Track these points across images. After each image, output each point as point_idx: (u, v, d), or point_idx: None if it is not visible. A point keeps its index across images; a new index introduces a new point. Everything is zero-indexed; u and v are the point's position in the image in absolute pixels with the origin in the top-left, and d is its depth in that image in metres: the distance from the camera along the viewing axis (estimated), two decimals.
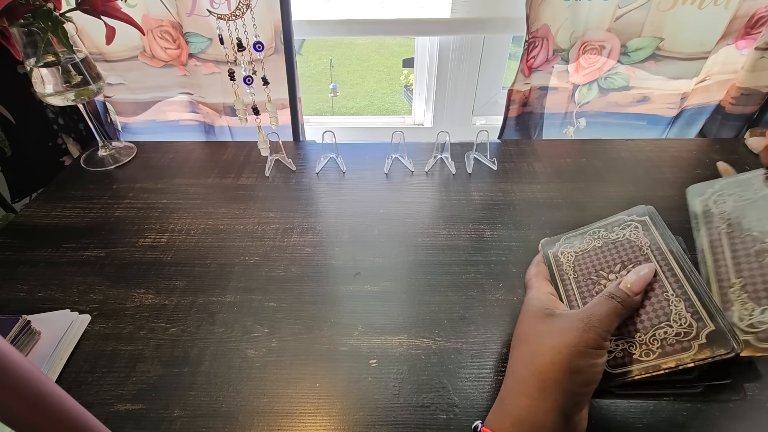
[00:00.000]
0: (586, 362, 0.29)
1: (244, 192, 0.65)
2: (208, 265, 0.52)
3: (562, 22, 0.69)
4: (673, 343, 0.29)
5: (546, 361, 0.30)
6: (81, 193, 0.65)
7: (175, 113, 0.80)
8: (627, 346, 0.31)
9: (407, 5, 0.77)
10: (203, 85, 0.75)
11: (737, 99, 0.76)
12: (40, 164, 0.72)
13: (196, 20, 0.67)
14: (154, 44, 0.70)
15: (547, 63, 0.73)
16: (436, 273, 0.51)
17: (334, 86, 3.31)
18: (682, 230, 0.57)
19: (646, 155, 0.72)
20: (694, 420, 0.37)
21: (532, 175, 0.67)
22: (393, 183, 0.66)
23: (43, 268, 0.52)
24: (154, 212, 0.61)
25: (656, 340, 0.30)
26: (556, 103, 0.79)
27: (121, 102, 0.78)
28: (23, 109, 0.68)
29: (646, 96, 0.78)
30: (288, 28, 0.68)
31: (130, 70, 0.73)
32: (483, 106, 0.92)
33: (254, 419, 0.38)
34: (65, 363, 0.42)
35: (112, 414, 0.38)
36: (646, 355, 0.30)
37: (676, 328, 0.29)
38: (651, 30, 0.70)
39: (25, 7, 0.53)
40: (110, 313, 0.47)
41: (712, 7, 0.66)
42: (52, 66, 0.58)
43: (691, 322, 0.29)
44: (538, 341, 0.31)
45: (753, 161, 0.70)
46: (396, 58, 3.57)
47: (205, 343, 0.44)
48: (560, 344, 0.30)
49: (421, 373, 0.41)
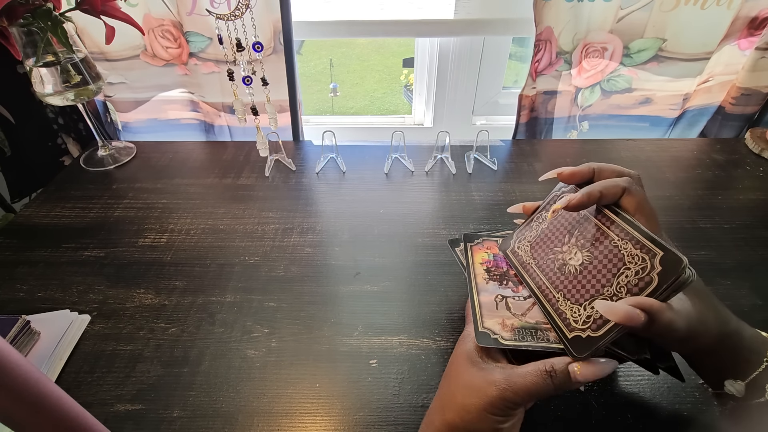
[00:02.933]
0: (489, 427, 0.28)
1: (244, 192, 0.65)
2: (208, 265, 0.52)
3: (565, 24, 0.69)
4: (636, 282, 0.29)
5: (454, 416, 0.30)
6: (81, 193, 0.65)
7: (176, 112, 0.80)
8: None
9: (407, 6, 0.76)
10: (203, 84, 0.75)
11: (737, 99, 0.76)
12: (40, 164, 0.72)
13: (196, 19, 0.67)
14: (155, 43, 0.70)
15: (551, 66, 0.73)
16: (436, 273, 0.51)
17: (334, 86, 3.31)
18: (681, 230, 0.57)
19: (647, 155, 0.72)
20: (695, 420, 0.37)
21: (533, 175, 0.67)
22: (393, 183, 0.66)
23: (42, 268, 0.52)
24: (153, 212, 0.61)
25: (621, 287, 0.30)
26: (560, 107, 0.79)
27: (122, 101, 0.78)
28: (23, 108, 0.68)
29: (648, 98, 0.78)
30: (288, 29, 0.68)
31: (131, 69, 0.73)
32: (483, 106, 0.91)
33: (254, 419, 0.38)
34: (65, 363, 0.42)
35: (111, 414, 0.38)
36: None
37: (633, 269, 0.30)
38: (653, 31, 0.70)
39: (25, 7, 0.53)
40: (110, 313, 0.47)
41: (714, 8, 0.66)
42: (52, 66, 0.58)
43: (642, 257, 0.29)
44: (455, 389, 0.31)
45: (753, 161, 0.70)
46: (396, 58, 3.57)
47: (204, 344, 0.44)
48: (470, 404, 0.29)
49: (421, 373, 0.41)
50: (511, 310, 0.35)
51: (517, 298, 0.36)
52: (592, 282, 0.32)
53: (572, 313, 0.31)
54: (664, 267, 0.28)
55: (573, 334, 0.30)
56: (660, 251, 0.29)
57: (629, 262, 0.30)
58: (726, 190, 0.64)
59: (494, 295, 0.36)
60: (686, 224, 0.58)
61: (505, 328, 0.33)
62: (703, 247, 0.54)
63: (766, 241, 0.55)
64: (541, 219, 0.39)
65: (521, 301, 0.36)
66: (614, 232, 0.32)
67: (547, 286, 0.34)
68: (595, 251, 0.33)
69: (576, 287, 0.32)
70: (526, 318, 0.34)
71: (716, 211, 0.60)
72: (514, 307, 0.35)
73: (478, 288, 0.38)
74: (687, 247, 0.54)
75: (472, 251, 0.42)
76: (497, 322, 0.34)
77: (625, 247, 0.31)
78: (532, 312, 0.34)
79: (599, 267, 0.32)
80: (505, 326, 0.33)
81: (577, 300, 0.32)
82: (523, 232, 0.40)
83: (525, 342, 0.32)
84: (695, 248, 0.54)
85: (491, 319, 0.34)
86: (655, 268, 0.28)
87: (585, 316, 0.30)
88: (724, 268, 0.51)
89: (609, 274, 0.31)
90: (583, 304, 0.31)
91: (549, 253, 0.36)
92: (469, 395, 0.29)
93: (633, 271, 0.30)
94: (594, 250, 0.33)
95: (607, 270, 0.31)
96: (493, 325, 0.33)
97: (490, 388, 0.29)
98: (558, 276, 0.34)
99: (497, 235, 0.44)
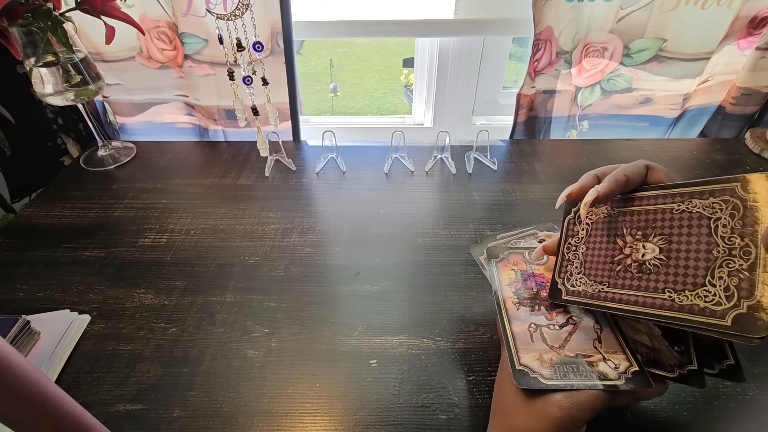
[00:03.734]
0: None
1: (244, 192, 0.65)
2: (208, 265, 0.52)
3: (565, 24, 0.68)
4: (741, 224, 0.25)
5: None
6: (80, 193, 0.65)
7: (171, 115, 0.80)
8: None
9: (407, 6, 0.76)
10: (198, 87, 0.74)
11: (737, 99, 0.76)
12: (40, 164, 0.72)
13: (192, 21, 0.66)
14: (151, 45, 0.70)
15: (551, 66, 0.73)
16: (436, 273, 0.51)
17: (334, 86, 3.30)
18: None
19: (646, 155, 0.72)
20: (695, 420, 0.37)
21: (533, 175, 0.67)
22: (393, 183, 0.66)
23: (42, 268, 0.52)
24: (153, 212, 0.61)
25: (731, 239, 0.25)
26: (559, 106, 0.79)
27: (118, 102, 0.78)
28: (23, 108, 0.68)
29: (648, 97, 0.78)
30: (288, 29, 0.67)
31: (126, 70, 0.73)
32: (483, 106, 0.91)
33: (254, 419, 0.38)
34: (65, 363, 0.42)
35: (111, 414, 0.38)
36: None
37: (723, 215, 0.26)
38: (654, 31, 0.70)
39: (25, 7, 0.53)
40: (110, 313, 0.47)
41: (714, 8, 0.66)
42: (52, 66, 0.58)
43: (721, 202, 0.26)
44: (516, 419, 0.30)
45: (753, 161, 0.70)
46: (396, 58, 3.57)
47: (204, 343, 0.44)
48: (536, 430, 0.28)
49: (421, 373, 0.41)
50: (548, 342, 0.33)
51: (552, 326, 0.34)
52: (693, 258, 0.27)
53: (704, 299, 0.25)
54: (751, 188, 0.24)
55: (730, 316, 0.24)
56: (731, 182, 0.25)
57: (712, 214, 0.26)
58: None
59: (527, 324, 0.34)
60: None
61: (544, 364, 0.31)
62: None
63: None
64: (574, 246, 0.35)
65: (557, 330, 0.33)
66: (669, 202, 0.28)
67: (646, 296, 0.28)
68: (666, 230, 0.28)
69: (679, 273, 0.27)
70: (565, 351, 0.32)
71: None
72: (551, 338, 0.33)
73: (509, 316, 0.35)
74: None
75: (498, 270, 0.39)
76: (534, 357, 0.32)
77: (694, 206, 0.27)
78: (571, 344, 0.32)
79: (686, 240, 0.27)
80: (543, 362, 0.31)
81: (694, 283, 0.26)
82: (564, 271, 0.35)
83: (568, 381, 0.30)
84: None
85: (528, 354, 0.32)
86: (746, 196, 0.24)
87: (722, 289, 0.25)
88: None
89: (705, 238, 0.26)
90: (705, 281, 0.26)
91: (614, 267, 0.31)
92: (532, 420, 0.29)
93: (724, 216, 0.25)
94: (662, 231, 0.28)
95: (698, 236, 0.26)
96: (530, 361, 0.32)
97: (554, 409, 0.28)
98: (646, 279, 0.29)
99: (522, 247, 0.41)
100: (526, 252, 0.41)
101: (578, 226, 0.35)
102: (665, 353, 0.30)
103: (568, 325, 0.33)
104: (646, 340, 0.32)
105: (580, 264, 0.34)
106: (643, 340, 0.32)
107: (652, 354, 0.31)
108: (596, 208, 0.34)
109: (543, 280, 0.38)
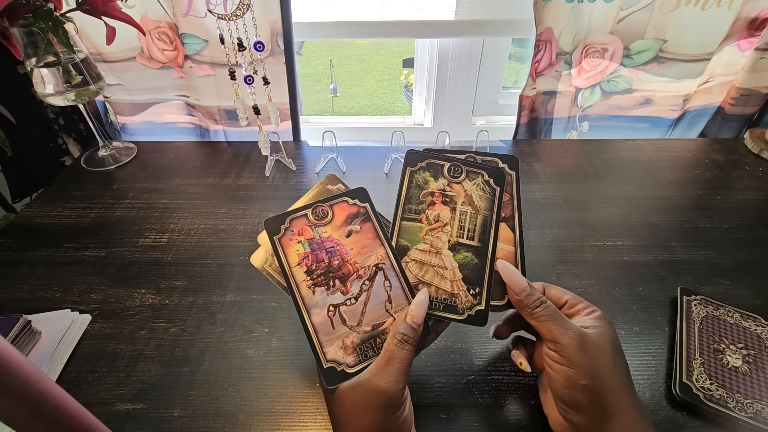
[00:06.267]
0: (395, 427, 0.29)
1: (245, 192, 0.65)
2: (209, 264, 0.52)
3: (566, 25, 0.69)
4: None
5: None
6: (81, 193, 0.65)
7: (172, 115, 0.80)
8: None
9: (406, 7, 0.76)
10: (198, 87, 0.74)
11: (737, 100, 0.76)
12: (41, 164, 0.72)
13: (192, 21, 0.67)
14: (151, 45, 0.70)
15: (551, 67, 0.73)
16: None
17: (334, 86, 3.31)
18: (681, 230, 0.57)
19: (646, 155, 0.72)
20: (695, 420, 0.37)
21: (532, 175, 0.67)
22: (393, 183, 0.66)
23: (43, 268, 0.52)
24: (154, 212, 0.61)
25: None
26: (559, 107, 0.79)
27: (118, 102, 0.78)
28: (24, 109, 0.68)
29: (648, 98, 0.78)
30: (288, 30, 0.68)
31: (127, 71, 0.73)
32: (483, 106, 0.92)
33: (254, 419, 0.38)
34: (66, 363, 0.42)
35: (112, 414, 0.38)
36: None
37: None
38: (654, 32, 0.70)
39: (26, 8, 0.53)
40: (110, 313, 0.47)
41: (715, 8, 0.66)
42: (53, 66, 0.58)
43: None
44: (351, 424, 0.30)
45: (752, 161, 0.70)
46: (396, 58, 3.57)
47: (205, 343, 0.44)
48: (369, 424, 0.29)
49: (422, 372, 0.41)
50: (348, 323, 0.31)
51: (349, 302, 0.31)
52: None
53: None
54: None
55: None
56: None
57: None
58: (725, 191, 0.64)
59: (326, 309, 0.31)
60: (686, 224, 0.58)
61: (347, 351, 0.30)
62: (702, 247, 0.54)
63: (765, 241, 0.55)
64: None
65: (354, 305, 0.31)
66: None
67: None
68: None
69: None
70: (362, 327, 0.31)
71: (715, 211, 0.60)
72: (350, 317, 0.31)
73: (306, 305, 0.31)
74: (686, 247, 0.54)
75: (282, 247, 0.32)
76: (338, 346, 0.30)
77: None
78: (367, 316, 0.31)
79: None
80: (346, 349, 0.30)
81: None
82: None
83: (369, 360, 0.30)
84: (694, 248, 0.54)
85: (332, 345, 0.31)
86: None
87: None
88: (723, 267, 0.51)
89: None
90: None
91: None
92: (360, 416, 0.29)
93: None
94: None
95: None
96: (335, 354, 0.30)
97: (375, 397, 0.28)
98: None
99: (305, 207, 0.33)
100: (309, 212, 0.33)
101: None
102: (461, 298, 0.33)
103: (363, 293, 0.32)
104: (448, 287, 0.33)
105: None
106: (446, 287, 0.33)
107: (450, 299, 0.33)
108: None
109: (333, 244, 0.33)
